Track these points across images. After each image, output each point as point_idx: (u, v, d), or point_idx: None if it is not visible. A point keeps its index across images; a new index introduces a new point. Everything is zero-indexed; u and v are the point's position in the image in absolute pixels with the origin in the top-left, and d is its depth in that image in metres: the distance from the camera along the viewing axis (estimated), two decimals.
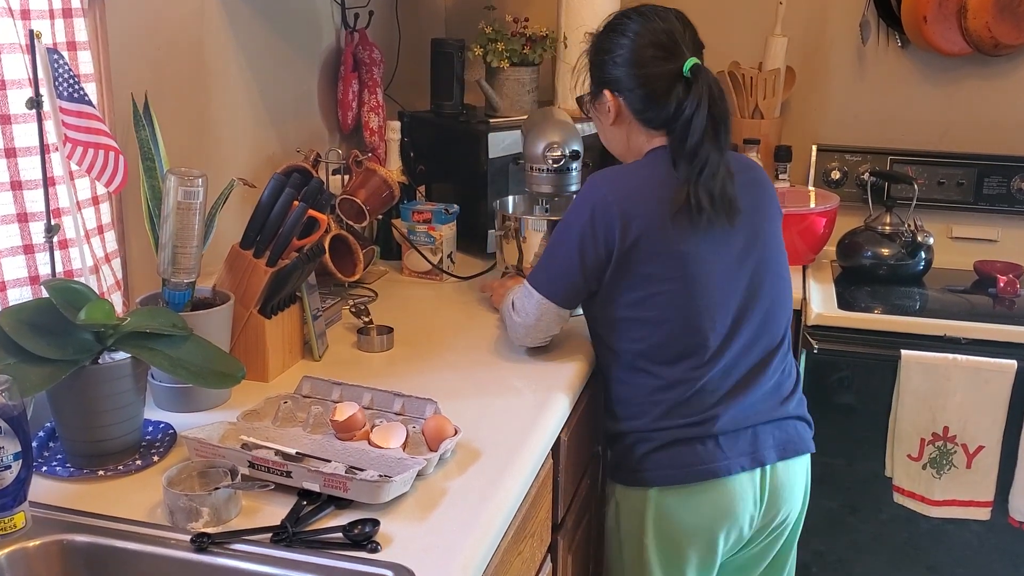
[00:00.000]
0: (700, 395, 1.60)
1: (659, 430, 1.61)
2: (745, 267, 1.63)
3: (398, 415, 1.45)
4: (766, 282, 1.65)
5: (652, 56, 1.60)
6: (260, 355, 1.63)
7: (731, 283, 1.62)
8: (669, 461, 1.60)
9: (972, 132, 2.67)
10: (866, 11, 2.66)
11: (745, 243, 1.63)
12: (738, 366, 1.62)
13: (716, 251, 1.59)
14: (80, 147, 1.31)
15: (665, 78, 1.59)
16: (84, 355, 1.27)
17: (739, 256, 1.62)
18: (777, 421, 1.65)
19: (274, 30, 2.15)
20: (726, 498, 1.60)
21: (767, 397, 1.65)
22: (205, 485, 1.25)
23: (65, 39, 1.40)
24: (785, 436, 1.66)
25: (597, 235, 1.58)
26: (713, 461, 1.59)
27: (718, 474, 1.59)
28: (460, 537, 1.18)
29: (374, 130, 2.43)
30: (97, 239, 1.49)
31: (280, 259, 1.61)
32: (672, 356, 1.60)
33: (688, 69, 1.58)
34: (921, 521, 2.25)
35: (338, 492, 1.23)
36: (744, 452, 1.61)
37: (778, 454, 1.64)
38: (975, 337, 2.16)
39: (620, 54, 1.63)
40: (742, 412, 1.62)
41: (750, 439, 1.62)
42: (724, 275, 1.61)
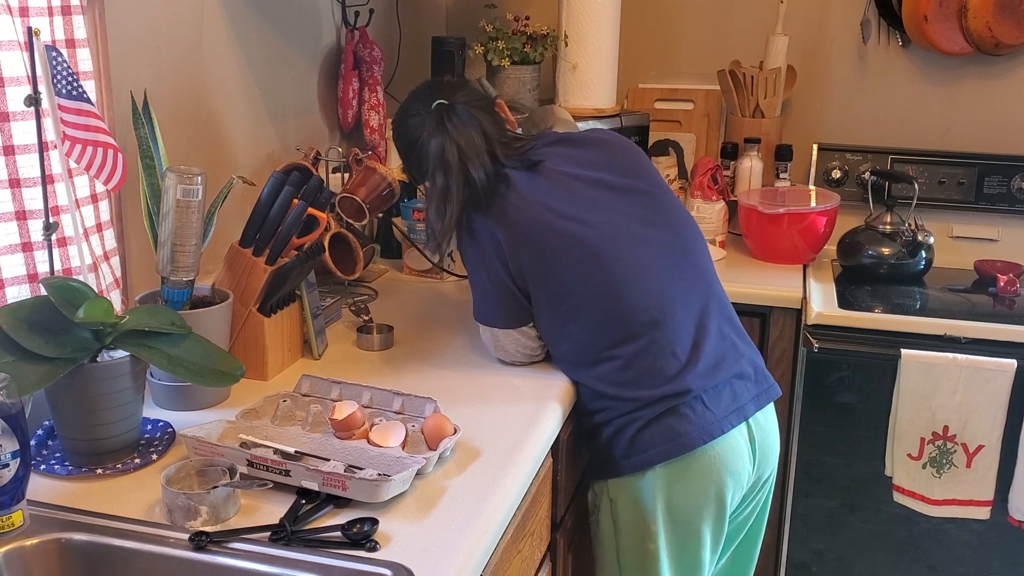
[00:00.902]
0: (663, 359, 1.58)
1: (642, 407, 1.57)
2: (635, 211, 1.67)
3: (397, 414, 1.45)
4: (663, 224, 1.68)
5: (412, 135, 1.74)
6: (259, 353, 1.63)
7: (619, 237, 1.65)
8: (662, 436, 1.56)
9: (973, 131, 2.66)
10: (867, 10, 2.65)
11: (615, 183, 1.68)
12: (681, 329, 1.61)
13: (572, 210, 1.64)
14: (79, 145, 1.31)
15: (422, 147, 1.72)
16: (83, 353, 1.27)
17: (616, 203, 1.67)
18: (742, 368, 1.65)
19: (274, 28, 2.14)
20: (726, 459, 1.58)
21: (720, 344, 1.64)
22: (204, 484, 1.25)
23: (64, 36, 1.40)
24: (756, 384, 1.66)
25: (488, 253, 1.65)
26: (706, 423, 1.57)
27: (714, 435, 1.57)
28: (459, 536, 1.18)
29: (374, 128, 2.43)
30: (96, 237, 1.48)
31: (279, 257, 1.61)
32: (615, 333, 1.60)
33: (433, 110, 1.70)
34: (921, 520, 2.25)
35: (337, 491, 1.22)
36: (729, 409, 1.60)
37: (755, 405, 1.64)
38: (975, 336, 2.15)
39: (403, 154, 1.81)
40: (715, 362, 1.61)
41: (730, 394, 1.61)
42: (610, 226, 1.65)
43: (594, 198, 1.64)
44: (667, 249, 1.64)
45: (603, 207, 1.64)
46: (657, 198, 1.69)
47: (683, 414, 1.56)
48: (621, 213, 1.64)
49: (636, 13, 2.71)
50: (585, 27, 2.54)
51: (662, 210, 1.68)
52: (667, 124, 2.80)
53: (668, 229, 1.67)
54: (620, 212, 1.64)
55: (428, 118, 1.69)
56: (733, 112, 2.73)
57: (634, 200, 1.66)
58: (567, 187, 1.65)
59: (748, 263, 2.50)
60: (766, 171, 2.68)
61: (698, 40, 2.79)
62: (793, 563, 2.39)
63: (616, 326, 1.59)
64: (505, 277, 1.64)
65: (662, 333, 1.58)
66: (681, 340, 1.60)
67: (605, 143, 1.75)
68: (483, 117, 1.70)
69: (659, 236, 1.65)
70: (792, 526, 2.36)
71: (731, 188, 2.68)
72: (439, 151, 1.66)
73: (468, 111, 1.69)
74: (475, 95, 1.74)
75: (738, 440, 1.60)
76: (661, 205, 1.69)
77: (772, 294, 2.28)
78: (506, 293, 1.65)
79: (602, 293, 1.59)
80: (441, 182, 1.65)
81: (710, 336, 1.62)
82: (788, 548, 2.37)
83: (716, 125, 2.80)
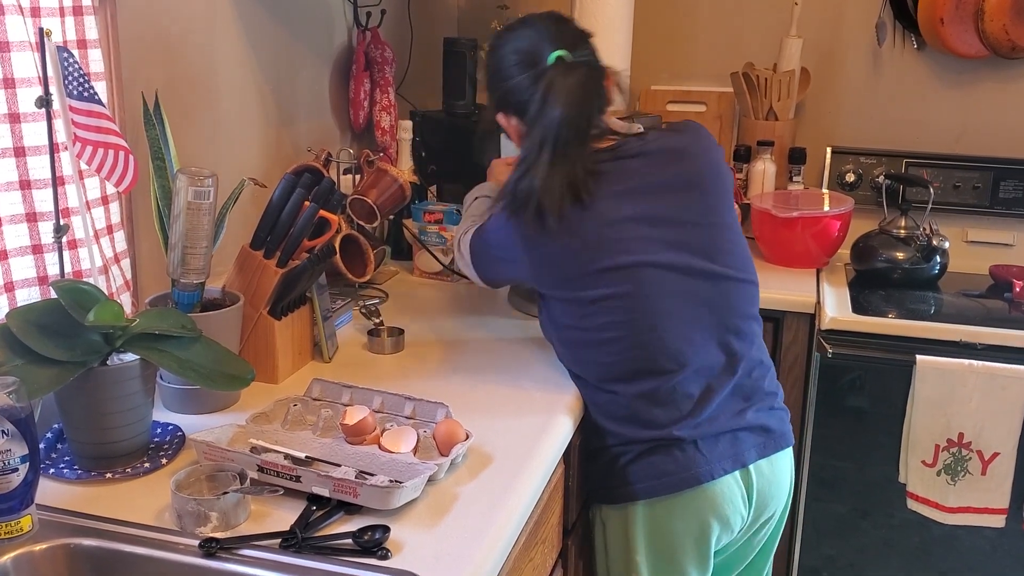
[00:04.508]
0: (659, 411, 1.54)
1: (634, 441, 1.55)
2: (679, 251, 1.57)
3: (409, 419, 1.44)
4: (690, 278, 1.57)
5: (516, 63, 1.56)
6: (269, 357, 1.61)
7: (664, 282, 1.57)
8: (650, 471, 1.54)
9: (988, 135, 2.64)
10: (882, 12, 2.63)
11: (676, 216, 1.57)
12: (693, 382, 1.56)
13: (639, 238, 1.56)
14: (90, 146, 1.30)
15: (530, 82, 1.53)
16: (92, 356, 1.26)
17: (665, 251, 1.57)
18: (748, 424, 1.59)
19: (286, 28, 2.13)
20: (714, 503, 1.55)
21: (729, 404, 1.58)
22: (214, 489, 1.24)
23: (75, 37, 1.39)
24: (765, 433, 1.60)
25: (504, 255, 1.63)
26: (694, 467, 1.53)
27: (701, 480, 1.53)
28: (471, 544, 1.16)
29: (386, 129, 2.42)
30: (106, 239, 1.48)
31: (290, 260, 1.60)
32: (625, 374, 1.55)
33: (552, 61, 1.52)
34: (933, 526, 2.23)
35: (348, 497, 1.21)
36: (725, 455, 1.55)
37: (759, 452, 1.59)
38: (991, 343, 2.13)
39: (493, 73, 1.62)
40: (717, 417, 1.56)
41: (730, 440, 1.56)
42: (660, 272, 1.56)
43: (637, 239, 1.53)
44: (699, 300, 1.55)
45: (643, 251, 1.52)
46: (708, 231, 1.57)
47: (672, 455, 1.53)
48: (660, 261, 1.53)
49: (649, 14, 2.70)
50: (597, 28, 2.49)
51: (708, 249, 1.56)
52: None
53: (707, 275, 1.56)
54: (659, 259, 1.53)
55: (543, 73, 1.52)
56: (746, 115, 2.71)
57: (680, 238, 1.54)
58: (618, 227, 1.53)
59: (761, 267, 2.44)
60: (779, 174, 2.66)
61: (711, 42, 2.77)
62: (804, 568, 2.37)
63: (625, 365, 1.55)
64: (520, 274, 1.62)
65: (669, 383, 1.54)
66: (689, 391, 1.55)
67: (681, 157, 1.59)
68: (596, 95, 1.55)
69: (694, 286, 1.55)
70: (804, 531, 2.34)
71: (744, 191, 2.66)
72: (542, 119, 1.50)
73: (583, 85, 1.51)
74: (595, 59, 1.59)
75: (730, 485, 1.56)
76: (709, 241, 1.57)
77: (785, 298, 2.26)
78: (512, 277, 1.65)
79: (620, 335, 1.53)
80: (532, 156, 1.51)
81: (719, 396, 1.56)
82: (799, 553, 2.35)
83: (729, 128, 2.78)
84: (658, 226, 1.54)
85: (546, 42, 1.54)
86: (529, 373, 1.69)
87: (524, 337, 1.86)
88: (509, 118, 1.63)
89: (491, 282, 1.75)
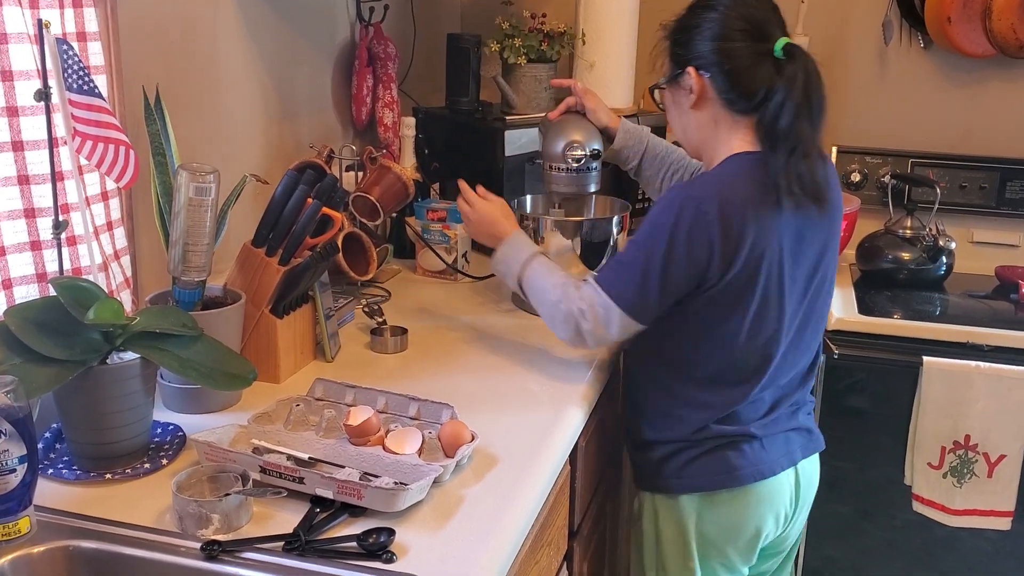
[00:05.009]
0: (748, 408, 1.58)
1: (706, 439, 1.58)
2: (814, 280, 1.57)
3: (413, 419, 1.41)
4: (812, 294, 1.58)
5: (742, 30, 1.50)
6: (271, 356, 1.59)
7: (799, 301, 1.56)
8: (716, 466, 1.57)
9: (995, 135, 2.62)
10: (888, 11, 2.61)
11: (819, 252, 1.56)
12: (783, 380, 1.61)
13: (797, 260, 1.51)
14: (89, 141, 1.28)
15: (753, 55, 1.49)
16: (92, 355, 1.24)
17: (811, 268, 1.56)
18: (799, 424, 1.66)
19: (288, 22, 2.11)
20: (771, 496, 1.59)
21: (797, 403, 1.66)
22: (215, 490, 1.22)
23: (75, 29, 1.36)
24: (808, 434, 1.67)
25: (693, 238, 1.45)
26: (760, 463, 1.58)
27: (765, 475, 1.58)
28: (477, 547, 1.14)
29: (388, 126, 2.39)
30: (106, 235, 1.45)
31: (293, 257, 1.58)
32: (733, 379, 1.56)
33: (781, 48, 1.49)
34: (935, 527, 2.21)
35: (352, 499, 1.19)
36: (781, 453, 1.61)
37: (803, 452, 1.64)
38: (998, 344, 2.11)
39: (708, 28, 1.52)
40: (779, 418, 1.62)
41: (783, 440, 1.62)
42: (799, 294, 1.55)
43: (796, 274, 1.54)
44: (801, 319, 1.57)
45: (793, 284, 1.53)
46: (823, 274, 1.59)
47: (742, 450, 1.57)
48: (797, 294, 1.54)
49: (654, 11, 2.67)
50: (603, 25, 2.50)
51: (818, 290, 1.59)
52: None
53: (814, 302, 1.59)
54: (797, 294, 1.54)
55: (792, 56, 1.48)
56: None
57: (809, 281, 1.56)
58: (796, 253, 1.52)
59: None
60: None
61: None
62: (807, 569, 2.35)
63: (727, 375, 1.56)
64: (681, 273, 1.47)
65: (757, 391, 1.57)
66: (767, 399, 1.60)
67: (833, 210, 1.58)
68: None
69: (804, 307, 1.57)
70: (806, 533, 2.32)
71: None
72: (810, 104, 1.47)
73: (808, 91, 1.48)
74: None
75: (785, 483, 1.61)
76: (820, 284, 1.59)
77: None
78: (665, 286, 1.48)
79: (748, 336, 1.52)
80: (806, 139, 1.46)
81: (789, 401, 1.63)
82: (804, 555, 2.33)
83: None
84: (803, 264, 1.55)
85: (773, 24, 1.52)
86: (534, 373, 1.67)
87: (528, 336, 1.84)
88: (702, 76, 1.53)
89: (652, 304, 1.51)
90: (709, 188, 1.48)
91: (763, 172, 1.48)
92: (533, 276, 1.64)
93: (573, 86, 1.95)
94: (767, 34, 1.50)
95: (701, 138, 1.60)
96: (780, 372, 1.58)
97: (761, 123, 1.51)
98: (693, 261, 1.45)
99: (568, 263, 1.89)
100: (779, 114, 1.46)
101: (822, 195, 1.49)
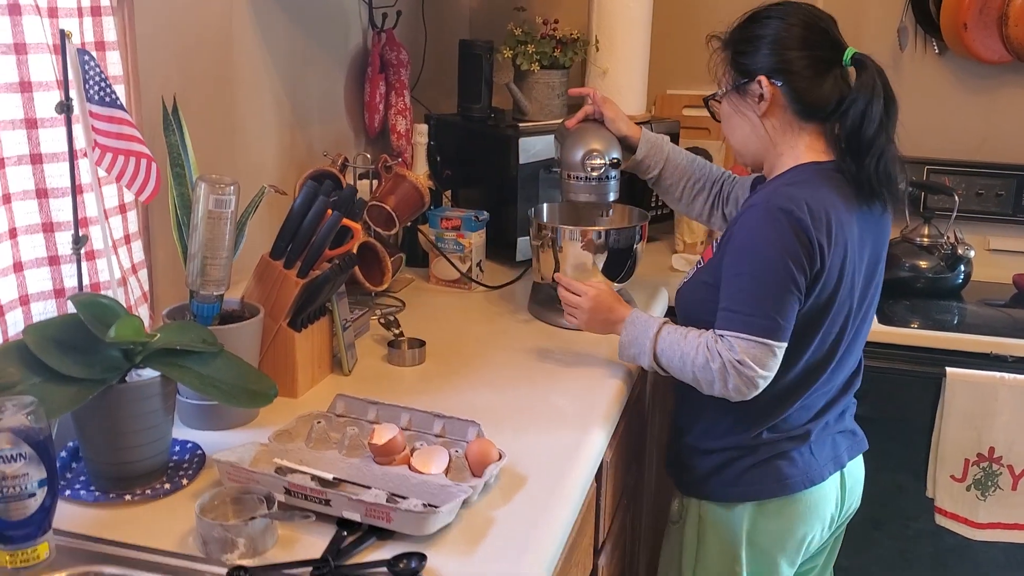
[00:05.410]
0: (801, 412, 1.59)
1: (760, 445, 1.58)
2: (871, 285, 1.60)
3: (438, 437, 1.38)
4: (868, 295, 1.61)
5: (811, 39, 1.53)
6: (289, 370, 1.56)
7: (860, 304, 1.58)
8: (768, 475, 1.58)
9: (1012, 142, 2.60)
10: (903, 17, 2.59)
11: (877, 257, 1.60)
12: (836, 383, 1.62)
13: (861, 265, 1.55)
14: (110, 154, 1.24)
15: (824, 64, 1.53)
16: (112, 373, 1.20)
17: (870, 273, 1.59)
18: (846, 425, 1.69)
19: (302, 29, 2.08)
20: (818, 503, 1.61)
21: (845, 406, 1.67)
22: (239, 513, 1.19)
23: (94, 39, 1.33)
24: (853, 436, 1.69)
25: (801, 245, 1.44)
26: (810, 470, 1.59)
27: (815, 481, 1.59)
28: (510, 573, 1.11)
29: (401, 133, 2.36)
30: (123, 249, 1.42)
31: (311, 270, 1.55)
32: (794, 382, 1.55)
33: (850, 58, 1.53)
34: (947, 537, 2.19)
35: (381, 523, 1.16)
36: (828, 457, 1.62)
37: (849, 454, 1.66)
38: (1021, 355, 2.08)
39: (776, 37, 1.54)
40: (829, 422, 1.63)
41: (831, 443, 1.64)
42: (859, 298, 1.57)
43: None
44: (858, 323, 1.60)
45: (855, 288, 1.56)
46: (879, 279, 1.63)
47: (792, 458, 1.59)
48: (858, 298, 1.57)
49: (667, 18, 2.64)
50: (616, 32, 2.47)
51: (873, 295, 1.63)
52: (695, 132, 2.73)
53: (870, 306, 1.63)
54: (858, 298, 1.57)
55: (864, 67, 1.52)
56: None
57: (867, 285, 1.59)
58: (860, 255, 1.56)
59: None
60: None
61: None
62: None
63: (792, 378, 1.54)
64: (804, 279, 1.46)
65: (817, 395, 1.59)
66: (819, 402, 1.61)
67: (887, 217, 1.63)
68: None
69: (862, 311, 1.60)
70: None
71: None
72: (890, 115, 1.51)
73: (887, 99, 1.52)
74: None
75: (832, 487, 1.63)
76: (876, 288, 1.63)
77: None
78: (794, 302, 1.46)
79: (817, 354, 1.55)
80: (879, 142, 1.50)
81: (841, 402, 1.65)
82: None
83: None
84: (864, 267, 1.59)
85: (837, 33, 1.56)
86: (557, 385, 1.64)
87: (547, 346, 1.81)
88: (775, 84, 1.54)
89: (790, 323, 1.48)
90: (795, 197, 1.47)
91: (838, 180, 1.52)
92: (667, 349, 1.56)
93: (592, 94, 1.92)
94: (835, 43, 1.54)
95: (765, 146, 1.60)
96: (834, 375, 1.59)
97: (834, 131, 1.55)
98: (809, 266, 1.46)
99: (587, 274, 1.86)
100: (861, 123, 1.49)
101: (902, 199, 1.55)
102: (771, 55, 1.54)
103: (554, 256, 1.89)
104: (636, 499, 2.03)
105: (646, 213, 2.01)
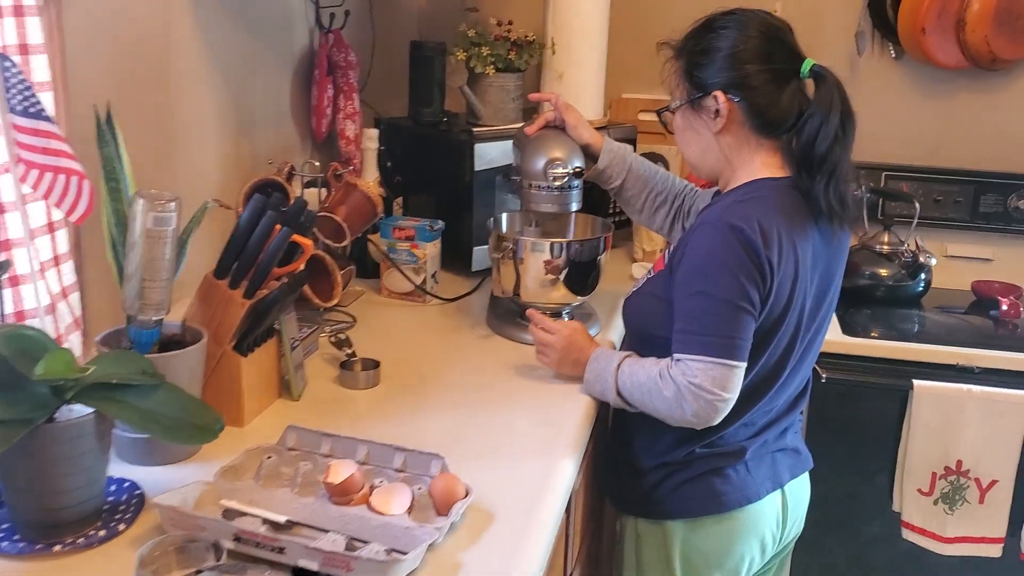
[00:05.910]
0: (740, 429, 1.53)
1: (693, 461, 1.53)
2: (823, 303, 1.53)
3: (399, 471, 1.29)
4: (819, 314, 1.54)
5: (772, 51, 1.47)
6: (235, 397, 1.45)
7: (810, 323, 1.51)
8: (701, 492, 1.53)
9: (967, 147, 2.59)
10: (861, 20, 2.56)
11: (831, 275, 1.53)
12: (780, 401, 1.55)
13: (813, 283, 1.49)
14: (35, 170, 1.13)
15: (785, 75, 1.47)
16: (40, 412, 1.09)
17: (822, 291, 1.52)
18: (786, 445, 1.63)
19: (245, 30, 1.96)
20: (756, 521, 1.56)
21: (787, 424, 1.62)
22: (185, 563, 1.08)
23: (16, 42, 1.21)
24: (796, 454, 1.64)
25: (753, 262, 1.39)
26: (745, 487, 1.54)
27: (751, 499, 1.54)
28: None
29: (350, 138, 2.26)
30: (52, 272, 1.30)
31: (259, 290, 1.44)
32: (741, 396, 1.46)
33: (808, 70, 1.46)
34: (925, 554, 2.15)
35: (340, 572, 1.06)
36: (766, 476, 1.57)
37: (791, 473, 1.61)
38: (987, 366, 2.06)
39: (732, 49, 1.47)
40: (768, 439, 1.58)
41: (770, 462, 1.59)
42: (809, 317, 1.50)
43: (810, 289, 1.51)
44: (807, 342, 1.54)
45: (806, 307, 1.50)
46: (832, 296, 1.56)
47: (726, 475, 1.53)
48: (808, 317, 1.50)
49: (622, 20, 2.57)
50: (572, 34, 2.40)
51: (825, 313, 1.56)
52: (652, 136, 2.66)
53: (821, 324, 1.56)
54: (808, 317, 1.50)
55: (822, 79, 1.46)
56: None
57: (819, 304, 1.52)
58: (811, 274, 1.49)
59: None
60: None
61: None
62: None
63: (740, 397, 1.45)
64: (758, 297, 1.40)
65: (759, 412, 1.53)
66: (758, 420, 1.55)
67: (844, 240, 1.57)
68: None
69: (812, 330, 1.54)
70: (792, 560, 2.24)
71: None
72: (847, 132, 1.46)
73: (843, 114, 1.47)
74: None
75: (772, 506, 1.57)
76: (828, 307, 1.56)
77: None
78: (749, 318, 1.41)
79: (762, 372, 1.49)
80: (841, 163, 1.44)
81: (783, 420, 1.60)
82: None
83: None
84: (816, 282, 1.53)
85: (794, 43, 1.50)
86: (521, 407, 1.57)
87: (507, 364, 1.73)
88: (731, 100, 1.47)
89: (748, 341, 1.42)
90: (748, 215, 1.41)
91: (793, 196, 1.46)
92: (627, 381, 1.51)
93: (553, 100, 1.84)
94: (793, 53, 1.48)
95: (720, 161, 1.54)
96: (779, 393, 1.54)
97: (790, 147, 1.49)
98: (761, 283, 1.40)
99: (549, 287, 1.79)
100: (815, 139, 1.43)
101: (859, 217, 1.46)
102: (728, 69, 1.47)
103: (515, 269, 1.80)
104: (598, 519, 1.96)
105: (609, 224, 1.94)
